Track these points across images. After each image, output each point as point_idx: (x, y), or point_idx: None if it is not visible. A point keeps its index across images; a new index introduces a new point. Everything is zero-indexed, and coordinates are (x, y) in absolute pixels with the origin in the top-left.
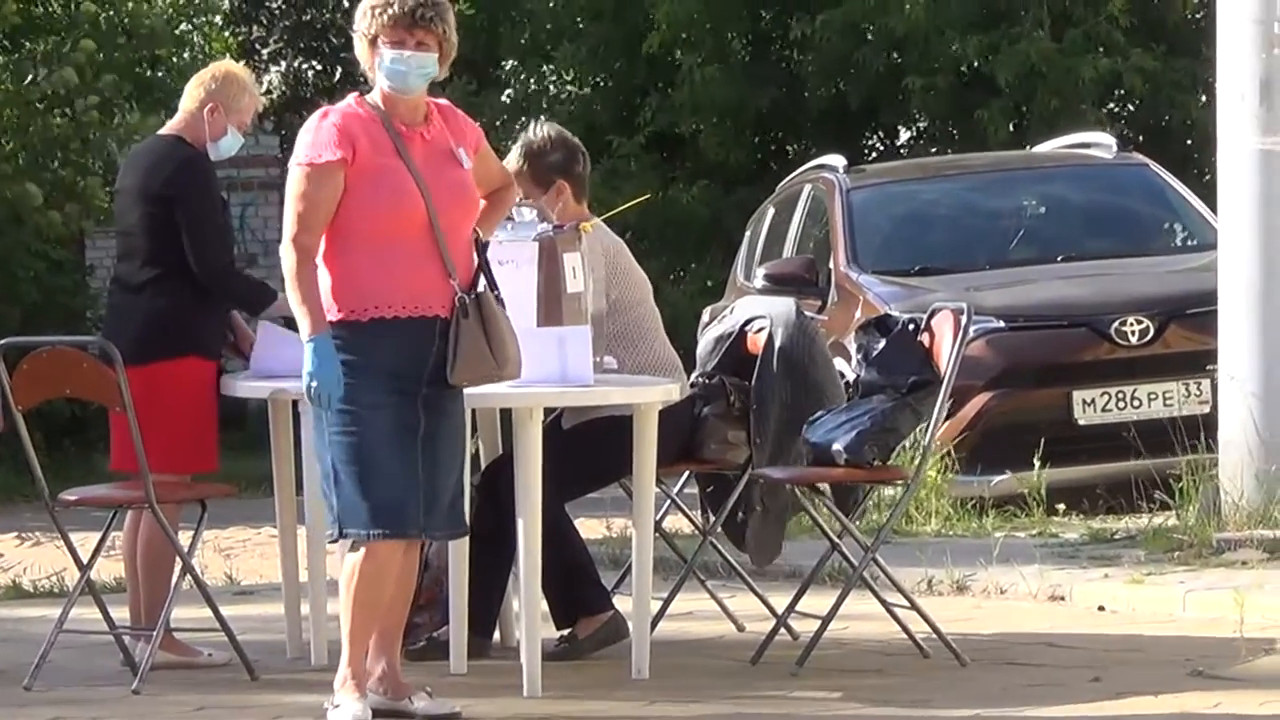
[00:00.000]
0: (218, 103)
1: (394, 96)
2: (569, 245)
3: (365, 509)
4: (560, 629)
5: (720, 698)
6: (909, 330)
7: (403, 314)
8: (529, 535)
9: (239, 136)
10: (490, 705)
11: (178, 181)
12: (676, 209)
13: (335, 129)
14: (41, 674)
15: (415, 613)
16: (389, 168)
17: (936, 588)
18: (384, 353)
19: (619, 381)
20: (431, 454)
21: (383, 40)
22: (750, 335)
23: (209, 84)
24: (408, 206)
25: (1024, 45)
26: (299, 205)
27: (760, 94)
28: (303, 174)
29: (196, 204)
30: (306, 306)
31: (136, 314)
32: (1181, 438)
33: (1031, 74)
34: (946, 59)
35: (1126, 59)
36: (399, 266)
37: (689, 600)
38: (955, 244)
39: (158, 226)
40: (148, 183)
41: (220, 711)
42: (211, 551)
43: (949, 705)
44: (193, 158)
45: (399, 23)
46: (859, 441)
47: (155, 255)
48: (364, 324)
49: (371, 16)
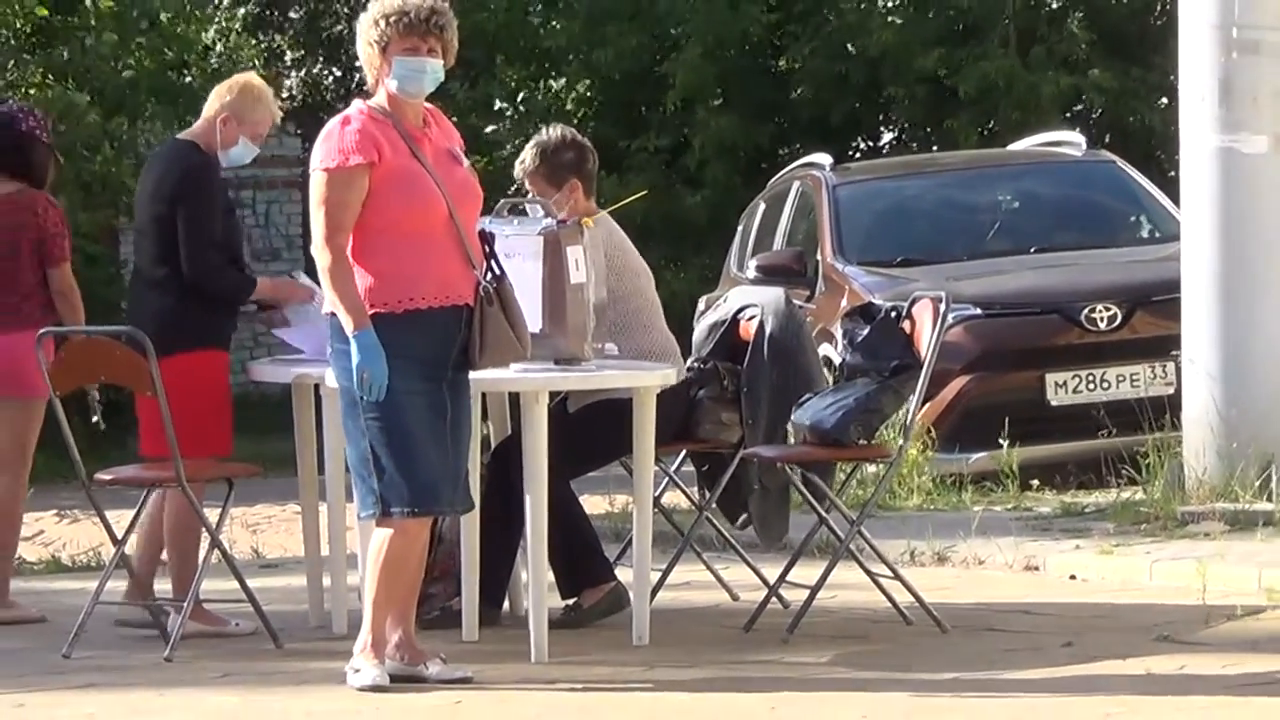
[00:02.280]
0: (231, 113)
1: (403, 101)
2: (572, 239)
3: (406, 489)
4: (566, 599)
5: (716, 662)
6: (891, 318)
7: (435, 304)
8: (536, 511)
9: (251, 147)
10: (501, 670)
11: (181, 185)
12: (679, 207)
13: (360, 134)
14: (79, 643)
15: (430, 584)
16: (411, 169)
17: (918, 559)
18: (417, 341)
19: (619, 367)
20: (455, 436)
21: (396, 47)
22: (743, 323)
23: (224, 95)
24: (433, 204)
25: (986, 62)
26: (330, 208)
27: (761, 130)
28: (331, 178)
29: (193, 208)
30: (347, 303)
31: (151, 308)
32: (1148, 417)
33: (993, 88)
34: (914, 73)
35: (1086, 76)
36: (428, 260)
37: (686, 571)
38: (935, 236)
39: (165, 226)
40: (158, 184)
41: (247, 678)
42: (239, 527)
43: (931, 669)
44: (199, 164)
45: (413, 30)
46: (845, 421)
47: (163, 253)
48: (399, 315)
49: (385, 24)
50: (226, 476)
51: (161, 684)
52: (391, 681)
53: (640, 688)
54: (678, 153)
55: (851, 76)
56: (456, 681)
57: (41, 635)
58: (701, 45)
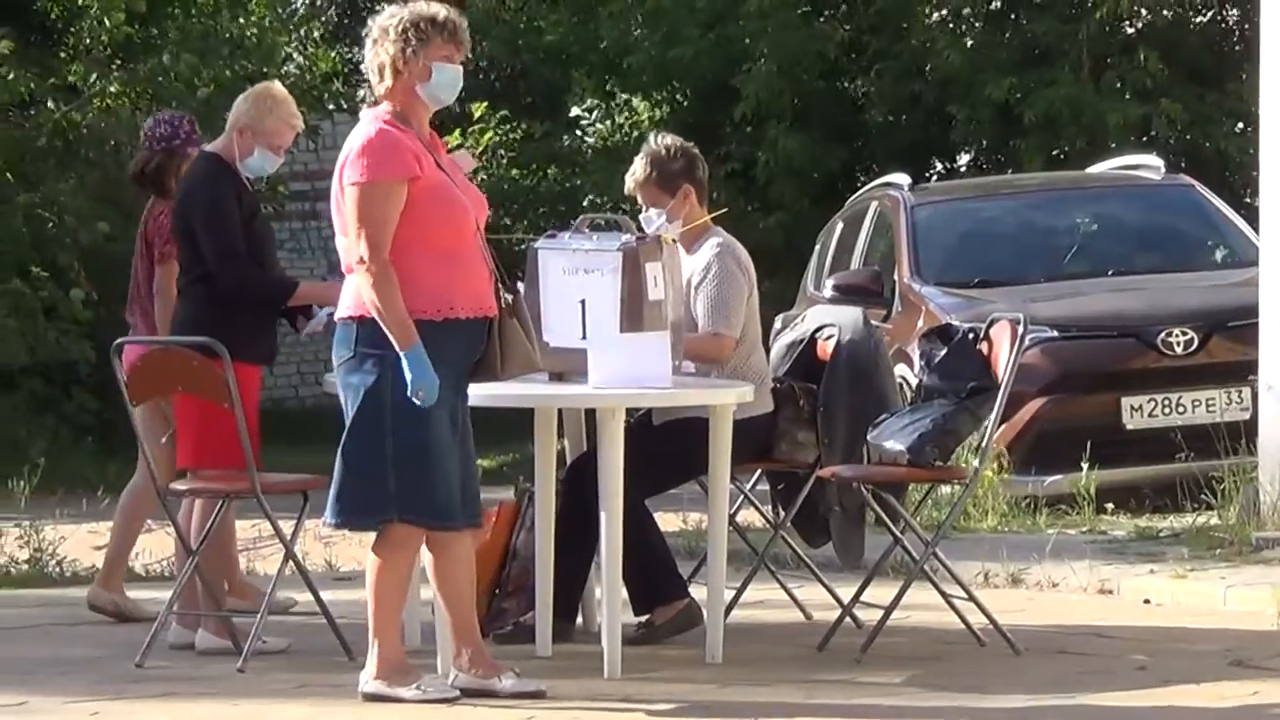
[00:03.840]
0: (246, 124)
1: (423, 112)
2: (651, 255)
3: (427, 501)
4: (639, 615)
5: (789, 682)
6: (969, 339)
7: (469, 314)
8: (610, 526)
9: (270, 157)
10: (573, 685)
11: (189, 198)
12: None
13: (399, 148)
14: (153, 651)
15: (504, 599)
16: (444, 182)
17: (992, 580)
18: (451, 351)
19: (695, 384)
20: (465, 448)
21: (434, 54)
22: (820, 342)
23: (239, 105)
24: (466, 217)
25: (1054, 88)
26: (375, 223)
27: (832, 153)
28: (375, 193)
29: (204, 219)
30: (395, 319)
31: (179, 318)
32: (1224, 442)
33: (1059, 115)
34: (983, 97)
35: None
36: (462, 270)
37: (760, 590)
38: (1013, 258)
39: (183, 237)
40: (180, 196)
41: (320, 689)
42: (312, 539)
43: (1004, 691)
44: (205, 175)
45: (451, 39)
46: (921, 443)
47: (186, 264)
48: (438, 323)
49: (422, 30)
50: (301, 489)
51: (235, 694)
52: (463, 695)
53: (712, 706)
54: (749, 175)
55: (923, 98)
56: (529, 695)
57: (115, 644)
58: (776, 62)
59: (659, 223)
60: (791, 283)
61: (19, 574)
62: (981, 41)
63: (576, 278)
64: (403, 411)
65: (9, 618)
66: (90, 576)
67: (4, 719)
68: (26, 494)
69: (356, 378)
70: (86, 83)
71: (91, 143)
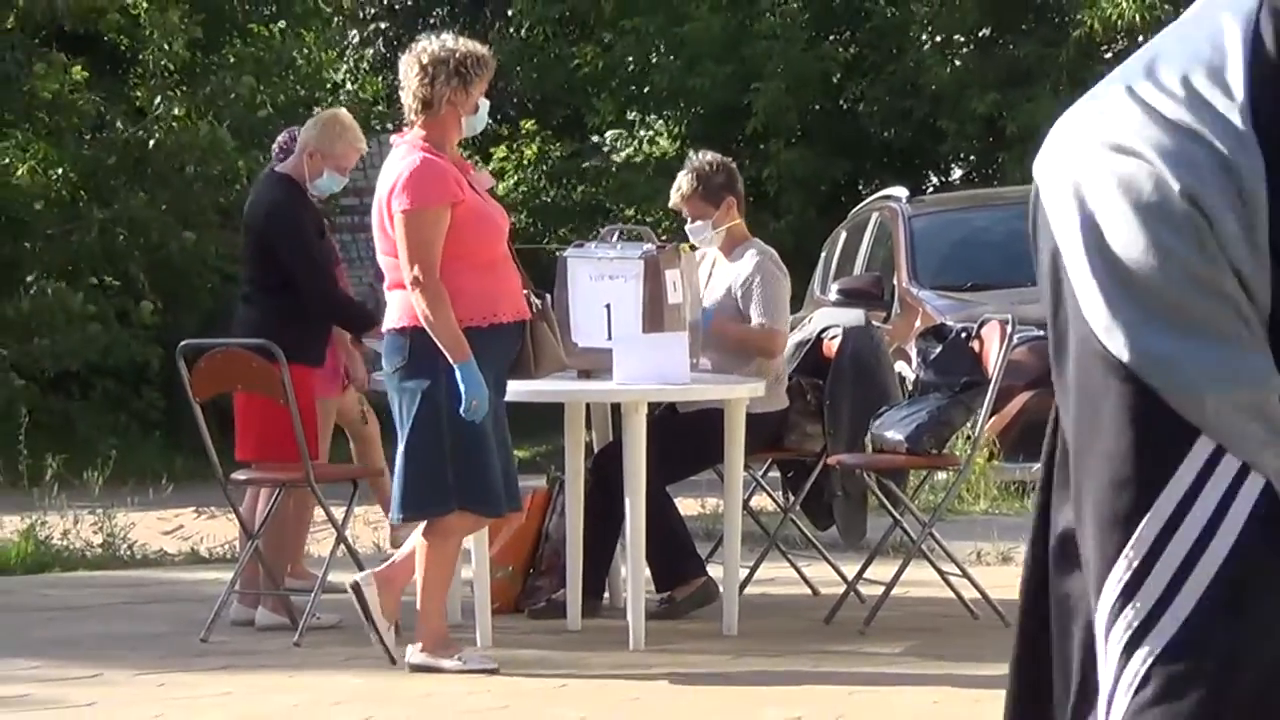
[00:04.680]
0: (316, 148)
1: (455, 138)
2: (670, 262)
3: (482, 492)
4: (661, 592)
5: (798, 652)
6: (962, 338)
7: (510, 318)
8: (635, 511)
9: (338, 177)
10: (601, 657)
11: (270, 221)
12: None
13: (446, 175)
14: (216, 627)
15: (537, 578)
16: (479, 203)
17: (985, 559)
18: (497, 353)
19: (712, 380)
20: (504, 440)
21: (479, 91)
22: (826, 341)
23: (309, 129)
24: (500, 233)
25: (1034, 104)
26: (426, 247)
27: (835, 165)
28: (426, 218)
29: (289, 239)
30: (450, 335)
31: (242, 321)
32: None
33: (1038, 129)
34: (969, 111)
35: None
36: (500, 279)
37: (772, 568)
38: (1002, 264)
39: (251, 250)
40: (249, 210)
41: (369, 661)
42: (361, 524)
43: (995, 660)
44: (288, 197)
45: (489, 77)
46: (918, 433)
47: (250, 273)
48: (484, 329)
49: (475, 69)
50: (351, 478)
51: (291, 667)
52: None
53: (729, 675)
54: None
55: (914, 112)
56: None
57: (181, 621)
58: (785, 81)
59: (707, 233)
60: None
61: (93, 557)
62: (969, 62)
63: (602, 283)
64: (456, 412)
65: (84, 597)
66: (159, 559)
67: (79, 690)
68: (100, 484)
69: (412, 383)
70: (152, 105)
71: (159, 161)
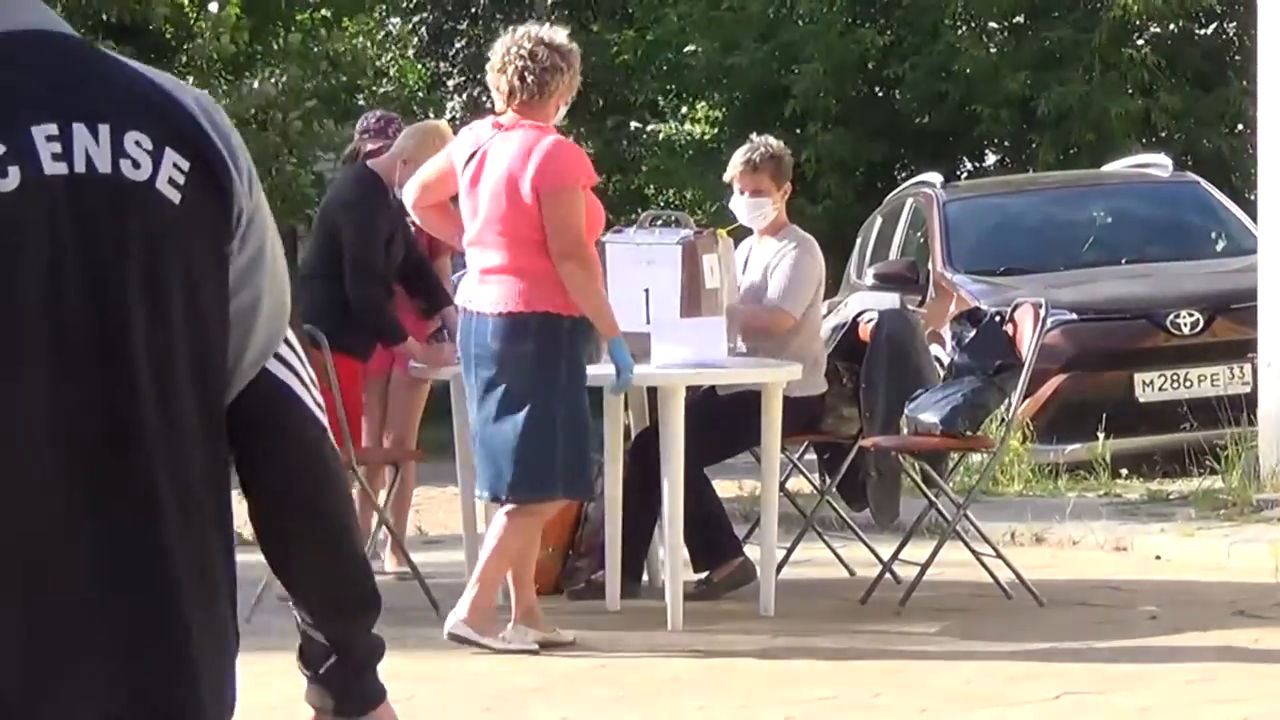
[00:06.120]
0: (410, 156)
1: None
2: (708, 248)
3: (579, 476)
4: (698, 573)
5: (834, 632)
6: (996, 321)
7: None
8: (673, 493)
9: None
10: (639, 637)
11: (345, 210)
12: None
13: (585, 156)
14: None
15: (577, 559)
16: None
17: (1018, 539)
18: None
19: (749, 364)
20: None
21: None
22: (862, 325)
23: (407, 137)
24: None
25: (1067, 86)
26: (579, 223)
27: (872, 149)
28: (579, 195)
29: (351, 233)
30: (604, 311)
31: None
32: (1226, 413)
33: (1070, 111)
34: (1002, 93)
35: (1156, 100)
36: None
37: (808, 549)
38: (1035, 248)
39: (319, 236)
40: (329, 200)
41: (411, 641)
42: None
43: (1029, 639)
44: (359, 195)
45: None
46: (953, 415)
47: (312, 257)
48: (577, 319)
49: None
50: (392, 461)
51: None
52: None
53: (766, 653)
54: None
55: (950, 96)
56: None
57: None
58: (823, 65)
59: (765, 210)
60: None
61: None
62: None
63: (640, 269)
64: (569, 397)
65: None
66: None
67: None
68: None
69: (533, 367)
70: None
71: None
